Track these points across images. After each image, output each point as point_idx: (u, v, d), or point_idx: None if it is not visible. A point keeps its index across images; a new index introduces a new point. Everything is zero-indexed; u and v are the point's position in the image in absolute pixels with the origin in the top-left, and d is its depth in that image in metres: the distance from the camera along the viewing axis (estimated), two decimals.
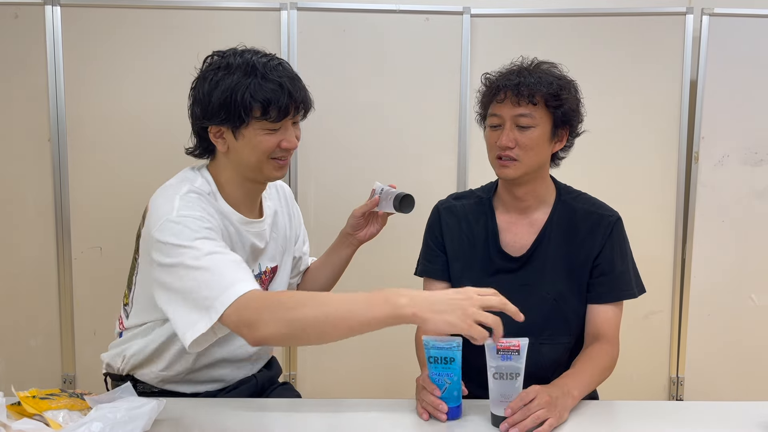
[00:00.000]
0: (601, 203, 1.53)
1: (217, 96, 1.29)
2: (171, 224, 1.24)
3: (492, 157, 1.48)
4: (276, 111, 1.30)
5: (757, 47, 2.37)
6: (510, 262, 1.49)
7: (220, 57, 1.34)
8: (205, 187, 1.37)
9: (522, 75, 1.42)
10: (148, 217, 1.32)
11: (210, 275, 1.18)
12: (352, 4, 2.34)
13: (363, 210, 1.60)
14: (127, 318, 1.44)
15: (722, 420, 1.27)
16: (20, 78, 2.31)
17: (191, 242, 1.22)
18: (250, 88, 1.28)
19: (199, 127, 1.36)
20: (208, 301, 1.16)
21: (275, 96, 1.29)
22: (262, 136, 1.32)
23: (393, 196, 1.55)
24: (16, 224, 2.37)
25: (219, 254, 1.22)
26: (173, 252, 1.21)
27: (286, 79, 1.31)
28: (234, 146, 1.34)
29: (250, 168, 1.36)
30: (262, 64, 1.31)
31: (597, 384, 1.41)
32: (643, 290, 1.54)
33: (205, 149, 1.40)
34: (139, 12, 2.29)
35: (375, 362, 2.45)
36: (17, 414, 1.13)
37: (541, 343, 1.46)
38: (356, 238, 1.63)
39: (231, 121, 1.30)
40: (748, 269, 2.45)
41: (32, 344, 2.41)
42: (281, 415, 1.30)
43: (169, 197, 1.31)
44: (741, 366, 2.49)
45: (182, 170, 1.43)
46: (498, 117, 1.44)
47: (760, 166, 2.41)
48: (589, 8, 2.39)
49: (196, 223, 1.25)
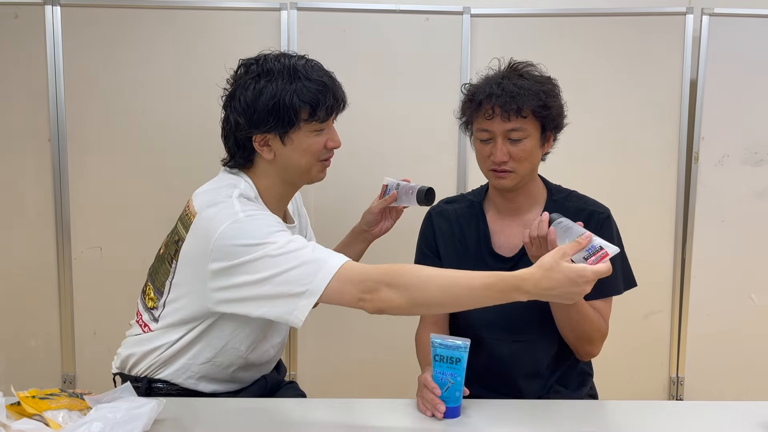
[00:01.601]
0: (593, 201, 1.53)
1: (263, 103, 1.29)
2: (239, 225, 1.23)
3: (485, 169, 1.48)
4: (324, 111, 1.32)
5: (757, 47, 2.37)
6: (503, 262, 1.50)
7: (255, 64, 1.34)
8: (250, 191, 1.36)
9: (505, 87, 1.40)
10: (201, 223, 1.28)
11: (300, 258, 1.18)
12: (352, 4, 2.34)
13: (381, 206, 1.61)
14: (156, 321, 1.40)
15: (722, 420, 1.27)
16: (20, 78, 2.31)
17: (268, 237, 1.22)
18: (297, 92, 1.29)
19: (243, 137, 1.34)
20: (306, 278, 1.17)
21: (322, 96, 1.31)
22: (312, 138, 1.33)
23: (415, 191, 1.59)
24: (16, 224, 2.36)
25: (299, 242, 1.22)
26: (252, 250, 1.21)
27: (327, 78, 1.34)
28: (281, 152, 1.34)
29: (298, 172, 1.37)
30: (301, 66, 1.32)
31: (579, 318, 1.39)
32: (633, 285, 1.52)
33: (245, 159, 1.38)
34: (139, 12, 2.29)
35: (375, 362, 2.44)
36: (17, 414, 1.13)
37: (534, 340, 1.47)
38: (371, 234, 1.64)
39: (280, 126, 1.30)
40: (748, 269, 2.45)
41: (32, 344, 2.41)
42: (284, 414, 1.30)
43: (224, 199, 1.29)
44: (741, 366, 2.49)
45: (220, 173, 1.42)
46: (488, 132, 1.43)
47: (760, 166, 2.41)
48: (588, 8, 2.39)
49: (268, 218, 1.26)
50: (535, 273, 1.11)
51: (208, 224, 1.27)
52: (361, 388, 2.45)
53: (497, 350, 1.48)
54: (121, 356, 1.45)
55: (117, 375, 1.48)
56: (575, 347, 1.48)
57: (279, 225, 1.27)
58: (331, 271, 1.18)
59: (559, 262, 1.10)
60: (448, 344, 1.26)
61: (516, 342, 1.47)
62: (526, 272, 1.12)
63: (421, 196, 1.58)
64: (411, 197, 1.60)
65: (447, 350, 1.26)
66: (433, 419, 1.27)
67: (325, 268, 1.19)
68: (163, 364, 1.39)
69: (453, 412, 1.27)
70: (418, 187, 1.60)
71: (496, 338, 1.48)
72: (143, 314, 1.44)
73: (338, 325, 2.39)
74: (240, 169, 1.40)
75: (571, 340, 1.46)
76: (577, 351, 1.49)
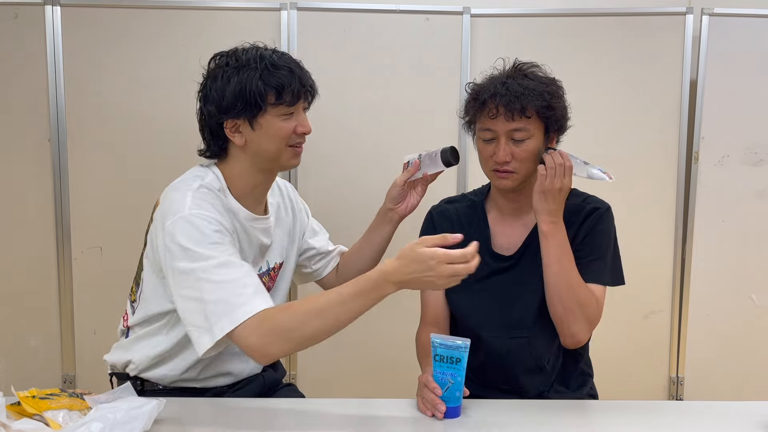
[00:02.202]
0: (593, 197, 1.53)
1: (231, 90, 1.33)
2: (183, 222, 1.27)
3: (487, 169, 1.48)
4: (290, 94, 1.34)
5: (757, 47, 2.37)
6: (503, 261, 1.50)
7: (227, 56, 1.38)
8: (215, 183, 1.39)
9: (509, 87, 1.40)
10: (159, 210, 1.34)
11: (218, 293, 1.23)
12: (352, 4, 2.34)
13: (405, 177, 1.61)
14: (133, 314, 1.45)
15: (722, 420, 1.27)
16: (20, 78, 2.31)
17: (203, 248, 1.25)
18: (263, 76, 1.32)
19: (215, 124, 1.37)
20: (214, 318, 1.22)
21: (287, 80, 1.34)
22: (280, 122, 1.36)
23: (438, 153, 1.56)
24: (16, 224, 2.36)
25: (228, 267, 1.25)
26: (185, 256, 1.25)
27: (293, 65, 1.37)
28: (251, 138, 1.36)
29: (268, 158, 1.39)
30: (269, 55, 1.36)
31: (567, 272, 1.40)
32: (621, 282, 1.51)
33: (219, 148, 1.41)
34: (139, 12, 2.29)
35: (376, 362, 2.45)
36: (17, 414, 1.13)
37: (535, 335, 1.47)
38: (396, 212, 1.63)
39: (248, 111, 1.33)
40: (748, 269, 2.45)
41: (32, 344, 2.41)
42: (283, 414, 1.30)
43: (181, 192, 1.33)
44: (741, 366, 2.49)
45: (192, 167, 1.45)
46: (491, 131, 1.43)
47: (760, 166, 2.41)
48: (589, 8, 2.39)
49: (208, 226, 1.28)
50: (395, 262, 1.17)
51: (161, 210, 1.33)
52: (361, 388, 2.45)
53: (496, 347, 1.48)
54: (108, 362, 1.50)
55: (113, 375, 1.50)
56: (562, 325, 1.43)
57: (219, 236, 1.28)
58: (233, 322, 1.21)
59: (414, 248, 1.15)
60: (448, 344, 1.26)
61: (514, 338, 1.47)
62: (388, 263, 1.18)
63: (446, 156, 1.54)
64: (435, 160, 1.56)
65: (447, 350, 1.26)
66: (433, 419, 1.27)
67: (232, 315, 1.22)
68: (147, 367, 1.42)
69: (453, 412, 1.27)
70: (441, 149, 1.55)
71: (495, 335, 1.47)
72: (128, 307, 1.49)
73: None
74: (218, 158, 1.43)
75: (560, 313, 1.41)
76: (563, 332, 1.44)
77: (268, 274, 1.50)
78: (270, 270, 1.50)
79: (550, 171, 1.39)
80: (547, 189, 1.39)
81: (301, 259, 1.66)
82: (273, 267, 1.51)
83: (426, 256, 1.14)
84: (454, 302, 1.53)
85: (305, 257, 1.67)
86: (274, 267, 1.52)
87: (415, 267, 1.15)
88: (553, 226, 1.40)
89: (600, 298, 1.45)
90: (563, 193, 1.40)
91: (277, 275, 1.54)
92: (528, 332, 1.47)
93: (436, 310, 1.54)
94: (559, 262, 1.40)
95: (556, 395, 1.50)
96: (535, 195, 1.41)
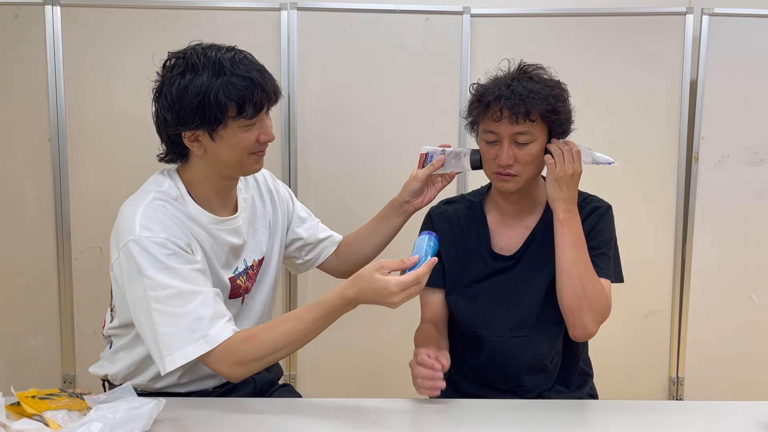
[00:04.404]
0: (594, 197, 1.53)
1: (189, 100, 1.25)
2: (135, 246, 1.25)
3: (489, 171, 1.47)
4: (252, 107, 1.28)
5: (757, 47, 2.37)
6: (503, 261, 1.50)
7: (181, 58, 1.29)
8: (173, 191, 1.35)
9: (514, 89, 1.38)
10: (114, 227, 1.32)
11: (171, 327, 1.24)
12: (352, 4, 2.34)
13: (429, 171, 1.55)
14: (111, 321, 1.45)
15: (722, 420, 1.27)
16: (20, 78, 2.31)
17: (157, 275, 1.25)
18: (223, 89, 1.25)
19: (173, 134, 1.32)
20: (166, 351, 1.25)
21: (249, 92, 1.26)
22: (241, 134, 1.30)
23: (467, 154, 1.52)
24: (16, 224, 2.36)
25: (182, 297, 1.25)
26: (139, 281, 1.25)
27: (255, 73, 1.29)
28: (212, 147, 1.31)
29: (230, 166, 1.35)
30: (228, 60, 1.27)
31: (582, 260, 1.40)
32: (620, 280, 1.51)
33: (178, 154, 1.37)
34: (139, 12, 2.29)
35: (375, 362, 2.45)
36: (17, 414, 1.13)
37: (536, 334, 1.47)
38: (412, 205, 1.59)
39: (207, 124, 1.27)
40: (748, 269, 2.45)
41: (32, 344, 2.41)
42: (282, 415, 1.30)
43: (133, 209, 1.30)
44: (741, 366, 2.49)
45: (154, 173, 1.42)
46: (495, 134, 1.42)
47: (760, 166, 2.41)
48: (589, 8, 2.39)
49: (160, 250, 1.25)
50: (354, 288, 1.25)
51: (115, 233, 1.32)
52: (360, 388, 2.45)
53: (497, 347, 1.48)
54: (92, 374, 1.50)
55: (104, 381, 1.51)
56: (574, 316, 1.40)
57: (173, 259, 1.27)
58: (186, 357, 1.24)
59: (373, 274, 1.22)
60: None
61: (515, 338, 1.47)
62: (348, 289, 1.25)
63: (476, 160, 1.50)
64: (463, 161, 1.52)
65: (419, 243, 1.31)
66: (433, 419, 1.27)
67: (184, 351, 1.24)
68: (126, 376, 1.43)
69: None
70: (471, 150, 1.51)
71: (496, 335, 1.47)
72: (107, 316, 1.49)
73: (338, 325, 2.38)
74: (180, 161, 1.39)
75: (572, 302, 1.39)
76: (575, 323, 1.40)
77: (246, 273, 1.46)
78: (248, 269, 1.46)
79: (558, 158, 1.39)
80: (560, 176, 1.39)
81: (290, 250, 1.62)
82: (251, 265, 1.47)
83: (381, 286, 1.21)
84: (454, 302, 1.52)
85: (294, 248, 1.62)
86: (253, 265, 1.48)
87: (372, 295, 1.23)
88: (569, 214, 1.40)
89: (608, 292, 1.45)
90: (576, 179, 1.40)
91: (258, 272, 1.50)
92: (529, 331, 1.47)
93: (436, 310, 1.54)
94: (575, 248, 1.39)
95: (556, 395, 1.50)
96: (549, 185, 1.42)
